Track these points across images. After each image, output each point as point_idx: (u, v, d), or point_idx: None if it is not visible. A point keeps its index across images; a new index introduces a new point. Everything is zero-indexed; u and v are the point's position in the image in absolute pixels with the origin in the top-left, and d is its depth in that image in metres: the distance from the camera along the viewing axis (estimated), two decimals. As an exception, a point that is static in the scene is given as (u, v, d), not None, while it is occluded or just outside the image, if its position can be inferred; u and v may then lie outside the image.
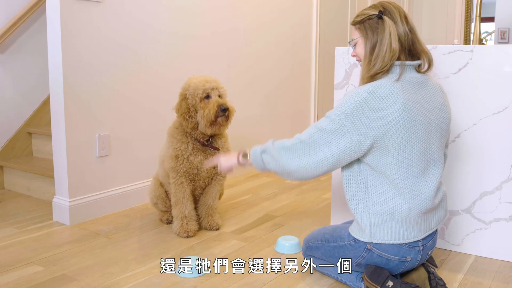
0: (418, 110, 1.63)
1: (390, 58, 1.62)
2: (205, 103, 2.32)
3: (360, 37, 1.72)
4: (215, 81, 2.37)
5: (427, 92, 1.70)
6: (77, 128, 2.63)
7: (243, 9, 3.67)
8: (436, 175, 1.71)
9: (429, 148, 1.68)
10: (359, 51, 1.74)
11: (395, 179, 1.64)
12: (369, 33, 1.68)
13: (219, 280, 1.96)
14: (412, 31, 1.68)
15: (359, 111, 1.59)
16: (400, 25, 1.65)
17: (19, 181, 3.24)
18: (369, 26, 1.68)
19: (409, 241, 1.68)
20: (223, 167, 1.95)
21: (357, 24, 1.72)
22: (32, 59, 3.46)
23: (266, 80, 3.95)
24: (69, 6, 2.53)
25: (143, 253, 2.24)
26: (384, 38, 1.63)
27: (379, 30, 1.65)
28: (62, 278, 1.98)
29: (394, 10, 1.67)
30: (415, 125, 1.62)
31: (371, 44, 1.66)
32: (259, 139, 3.95)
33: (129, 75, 2.87)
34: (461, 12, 6.00)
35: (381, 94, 1.59)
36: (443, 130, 1.74)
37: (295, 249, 2.24)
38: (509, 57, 2.04)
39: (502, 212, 2.12)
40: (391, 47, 1.62)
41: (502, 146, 2.09)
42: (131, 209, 2.90)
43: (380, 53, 1.63)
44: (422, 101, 1.66)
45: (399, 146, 1.61)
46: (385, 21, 1.64)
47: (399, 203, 1.65)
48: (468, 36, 5.96)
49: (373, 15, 1.67)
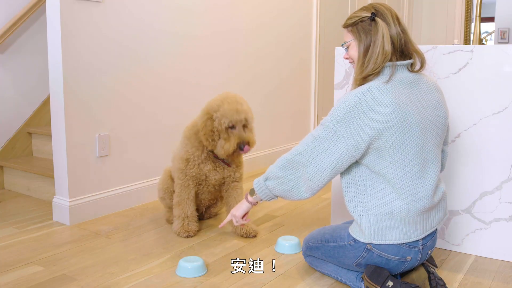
0: (411, 109, 1.63)
1: (382, 60, 1.63)
2: (228, 133, 2.25)
3: (353, 39, 1.72)
4: (244, 112, 2.26)
5: (421, 91, 1.70)
6: (77, 128, 2.63)
7: (243, 9, 3.67)
8: (434, 173, 1.71)
9: (426, 146, 1.67)
10: (352, 53, 1.74)
11: (393, 179, 1.65)
12: (362, 35, 1.68)
13: (219, 280, 1.96)
14: (404, 32, 1.68)
15: (351, 115, 1.61)
16: (393, 26, 1.66)
17: (19, 181, 3.24)
18: (362, 29, 1.68)
19: (409, 241, 1.68)
20: (238, 217, 1.96)
21: (350, 27, 1.73)
22: (32, 59, 3.46)
23: (266, 80, 3.95)
24: (69, 6, 2.53)
25: (143, 253, 2.24)
26: (377, 40, 1.64)
27: (372, 32, 1.66)
28: (62, 278, 1.98)
29: (386, 11, 1.68)
30: (409, 124, 1.62)
31: (365, 46, 1.67)
32: (259, 139, 3.95)
33: (129, 75, 2.87)
34: (461, 12, 6.00)
35: (372, 97, 1.60)
36: (439, 128, 1.73)
37: (295, 249, 2.24)
38: (509, 57, 2.04)
39: (502, 212, 2.12)
40: (384, 49, 1.63)
41: (502, 146, 2.09)
42: (131, 209, 2.90)
43: (373, 55, 1.64)
44: (415, 100, 1.66)
45: (395, 146, 1.61)
46: (378, 23, 1.65)
47: (398, 203, 1.65)
48: (468, 36, 5.96)
49: (366, 17, 1.68)
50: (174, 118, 3.18)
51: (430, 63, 2.19)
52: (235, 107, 2.23)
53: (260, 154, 3.98)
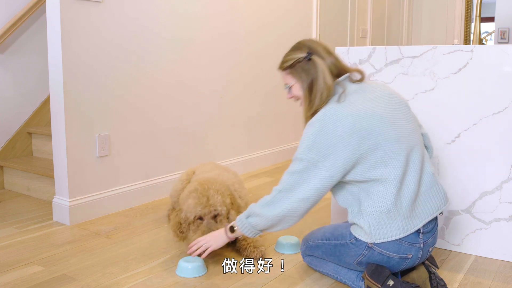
0: (370, 111, 1.68)
1: (327, 94, 1.70)
2: (196, 224, 2.15)
3: (296, 81, 1.77)
4: (212, 205, 2.12)
5: (370, 91, 1.76)
6: (77, 128, 2.63)
7: (243, 12, 3.67)
8: (417, 157, 1.73)
9: (401, 134, 1.71)
10: (296, 93, 1.80)
11: (382, 176, 1.68)
12: (303, 75, 1.74)
13: (219, 280, 1.96)
14: (337, 60, 1.76)
15: (319, 140, 1.65)
16: (327, 59, 1.73)
17: (19, 181, 3.24)
18: (301, 69, 1.74)
19: (410, 232, 1.69)
20: (215, 247, 1.94)
21: (288, 69, 1.78)
22: (32, 59, 3.46)
23: (266, 80, 3.95)
24: (69, 6, 2.53)
25: (143, 253, 2.24)
26: (318, 77, 1.70)
27: (312, 71, 1.72)
28: (62, 278, 1.99)
29: (318, 47, 1.75)
30: (375, 124, 1.66)
31: (308, 85, 1.72)
32: (259, 139, 3.96)
33: (129, 75, 2.87)
34: (461, 12, 6.00)
35: (331, 117, 1.66)
36: (405, 112, 1.78)
37: (295, 249, 2.24)
38: (509, 57, 2.04)
39: (502, 212, 2.12)
40: (327, 84, 1.69)
41: (502, 146, 2.09)
42: (131, 209, 2.90)
43: (318, 92, 1.70)
44: (369, 100, 1.71)
45: (372, 148, 1.65)
46: (315, 60, 1.71)
47: (391, 198, 1.67)
48: (468, 36, 5.97)
49: (302, 57, 1.74)
50: (174, 117, 3.18)
51: (430, 63, 2.19)
52: (201, 201, 2.13)
53: (260, 154, 3.98)
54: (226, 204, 2.17)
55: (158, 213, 2.81)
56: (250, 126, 3.86)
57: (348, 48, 2.41)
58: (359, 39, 5.31)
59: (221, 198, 2.15)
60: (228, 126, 3.65)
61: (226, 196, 2.20)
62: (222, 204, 2.14)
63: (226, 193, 2.21)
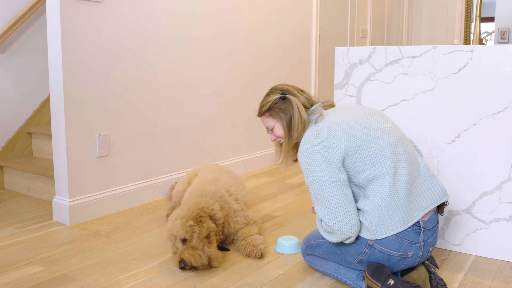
0: (346, 119, 1.78)
1: (303, 128, 1.83)
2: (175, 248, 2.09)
3: (276, 121, 1.90)
4: (174, 230, 2.04)
5: (345, 109, 1.88)
6: (77, 128, 2.63)
7: (243, 12, 3.67)
8: (403, 150, 1.78)
9: (380, 131, 1.77)
10: (278, 133, 1.91)
11: (375, 176, 1.72)
12: (281, 114, 1.87)
13: (219, 280, 1.96)
14: (309, 96, 1.92)
15: (313, 158, 1.73)
16: (300, 96, 1.88)
17: (19, 181, 3.24)
18: (279, 109, 1.87)
19: (411, 223, 1.71)
20: None
21: (267, 112, 1.91)
22: (32, 59, 3.46)
23: (266, 80, 3.95)
24: (69, 6, 2.53)
25: (143, 253, 2.24)
26: (294, 113, 1.84)
27: (289, 108, 1.85)
28: (62, 278, 1.99)
29: (289, 88, 1.90)
30: (354, 128, 1.75)
31: (287, 123, 1.86)
32: (259, 139, 3.96)
33: (129, 75, 2.87)
34: (461, 12, 6.00)
35: (313, 136, 1.77)
36: (381, 115, 1.87)
37: (295, 249, 2.24)
38: (509, 57, 2.04)
39: (502, 212, 2.12)
40: (302, 118, 1.83)
41: (502, 146, 2.09)
42: (131, 209, 2.90)
43: (295, 127, 1.84)
44: (344, 115, 1.82)
45: (355, 150, 1.73)
46: (289, 98, 1.86)
47: (387, 193, 1.70)
48: (468, 36, 5.97)
49: (277, 98, 1.87)
50: (174, 117, 3.18)
51: (430, 63, 2.19)
52: (168, 225, 2.10)
53: (260, 154, 3.98)
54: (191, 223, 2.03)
55: (158, 213, 2.81)
56: (250, 126, 3.86)
57: (348, 48, 2.41)
58: (359, 39, 5.31)
59: (180, 223, 2.03)
60: (228, 126, 3.65)
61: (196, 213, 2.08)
62: (185, 229, 2.01)
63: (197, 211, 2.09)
